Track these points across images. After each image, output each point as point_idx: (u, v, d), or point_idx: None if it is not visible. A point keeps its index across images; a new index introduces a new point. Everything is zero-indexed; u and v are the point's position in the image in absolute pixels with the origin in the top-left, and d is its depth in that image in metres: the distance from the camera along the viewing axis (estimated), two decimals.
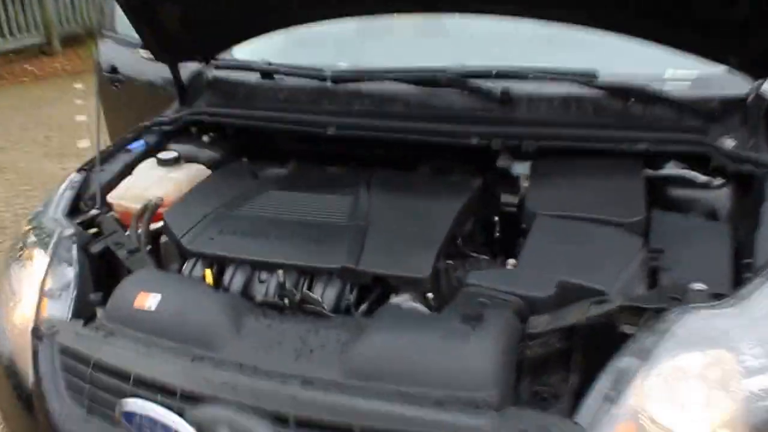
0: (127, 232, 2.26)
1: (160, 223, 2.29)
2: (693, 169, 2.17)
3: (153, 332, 1.76)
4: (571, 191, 2.09)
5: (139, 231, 2.24)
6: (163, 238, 2.26)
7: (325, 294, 1.90)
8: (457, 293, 1.78)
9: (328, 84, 2.68)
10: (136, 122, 2.85)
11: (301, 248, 1.99)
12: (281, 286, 1.85)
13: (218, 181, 2.44)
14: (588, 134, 2.25)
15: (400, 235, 2.00)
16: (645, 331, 1.55)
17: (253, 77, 2.85)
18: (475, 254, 2.11)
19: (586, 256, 1.84)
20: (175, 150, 2.62)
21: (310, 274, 1.95)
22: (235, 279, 1.99)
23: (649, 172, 2.18)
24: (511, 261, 1.95)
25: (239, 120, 2.65)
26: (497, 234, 2.27)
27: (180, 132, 2.75)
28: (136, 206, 2.37)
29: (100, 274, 2.14)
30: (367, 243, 1.97)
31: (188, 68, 2.90)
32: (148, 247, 2.18)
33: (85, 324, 1.88)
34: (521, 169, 2.36)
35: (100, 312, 1.96)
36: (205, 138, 2.71)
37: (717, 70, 2.36)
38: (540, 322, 1.67)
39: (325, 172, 2.48)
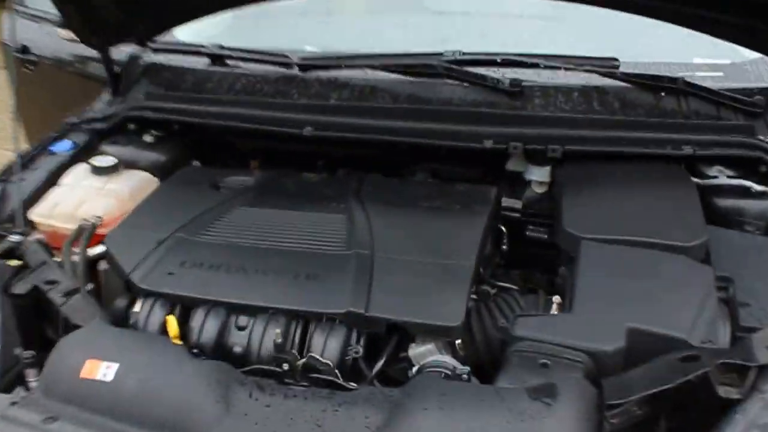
0: (56, 258, 1.79)
1: (99, 248, 1.84)
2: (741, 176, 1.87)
3: (110, 414, 1.32)
4: (616, 207, 1.75)
5: (75, 260, 1.77)
6: (103, 264, 1.81)
7: (326, 347, 1.51)
8: (508, 352, 1.41)
9: (296, 71, 2.26)
10: (56, 116, 2.34)
11: (291, 286, 1.59)
12: (278, 347, 1.44)
13: (171, 194, 1.99)
14: (624, 136, 1.91)
15: (414, 268, 1.62)
16: (756, 401, 1.23)
17: (201, 63, 2.39)
18: (501, 284, 1.74)
19: (652, 292, 1.50)
20: (111, 153, 2.14)
21: (304, 321, 1.55)
22: (207, 327, 1.56)
23: (697, 180, 1.86)
24: (556, 299, 1.60)
25: (191, 116, 2.18)
26: (504, 246, 1.92)
27: (115, 130, 2.26)
28: (68, 227, 1.89)
29: (29, 321, 1.67)
30: (376, 279, 1.58)
31: (121, 51, 2.40)
32: (89, 286, 1.72)
33: (13, 401, 1.41)
34: (539, 175, 2.01)
35: (32, 377, 1.50)
36: (148, 138, 2.23)
37: (750, 56, 2.07)
38: (619, 388, 1.32)
39: (301, 179, 2.06)
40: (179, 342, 1.55)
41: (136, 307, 1.65)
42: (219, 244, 1.73)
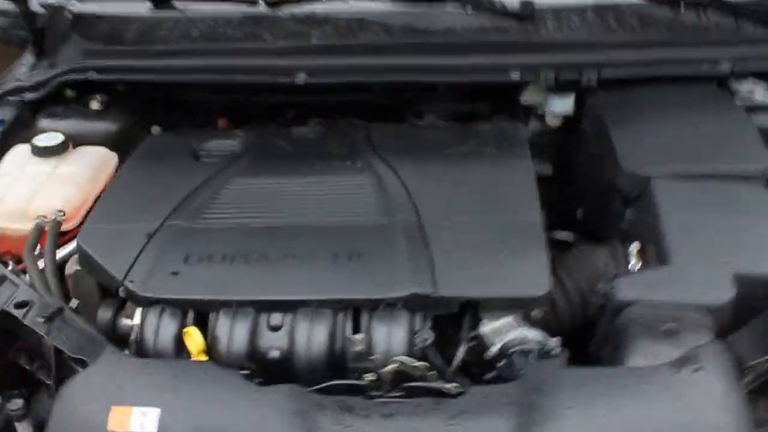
0: (10, 267, 1.44)
1: (68, 250, 1.49)
2: None
3: None
4: (672, 138, 1.56)
5: (43, 267, 1.42)
6: (73, 266, 1.47)
7: (391, 340, 1.25)
8: (622, 321, 1.19)
9: (262, 8, 1.91)
10: None
11: (332, 271, 1.31)
12: (360, 356, 1.17)
13: (144, 171, 1.64)
14: (659, 57, 1.71)
15: (473, 230, 1.37)
16: None
17: (142, 8, 1.99)
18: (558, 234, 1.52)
19: (746, 231, 1.32)
20: (52, 129, 1.76)
21: (353, 311, 1.28)
22: (236, 333, 1.27)
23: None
24: (635, 246, 1.39)
25: (146, 74, 1.81)
26: None
27: (50, 99, 1.86)
28: (21, 228, 1.53)
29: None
30: (434, 250, 1.32)
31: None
32: (74, 303, 1.38)
33: None
34: (563, 106, 1.78)
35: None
36: (95, 104, 1.85)
37: None
38: (748, 346, 1.14)
39: (294, 135, 1.75)
40: (204, 358, 1.26)
41: (135, 319, 1.33)
42: (225, 229, 1.42)
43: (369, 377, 1.14)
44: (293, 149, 1.67)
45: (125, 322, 1.39)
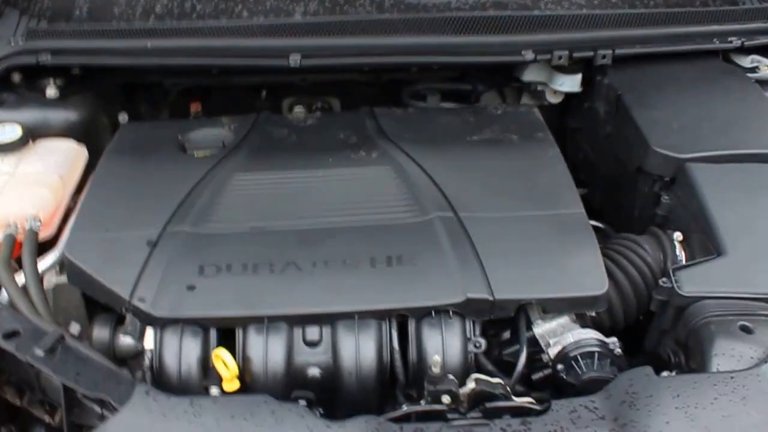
0: None
1: (48, 261, 1.30)
2: None
3: None
4: (697, 117, 1.50)
5: (29, 287, 1.22)
6: (52, 280, 1.29)
7: (446, 350, 1.14)
8: (691, 320, 1.13)
9: None
10: None
11: (374, 277, 1.18)
12: (434, 379, 1.04)
13: (127, 167, 1.44)
14: (671, 32, 1.65)
15: (518, 227, 1.27)
16: None
17: None
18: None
19: None
20: (5, 120, 1.53)
21: (398, 320, 1.16)
22: (272, 352, 1.13)
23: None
24: (678, 235, 1.33)
25: (113, 58, 1.59)
26: None
27: None
28: None
29: None
30: (480, 250, 1.21)
31: None
32: (75, 327, 1.19)
33: None
34: (571, 84, 1.71)
35: None
36: (51, 91, 1.61)
37: None
38: None
39: (291, 121, 1.58)
40: (237, 383, 1.11)
41: (146, 342, 1.16)
42: (240, 234, 1.26)
43: (446, 399, 1.02)
44: (296, 138, 1.51)
45: (127, 341, 1.23)
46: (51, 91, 1.61)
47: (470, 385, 1.05)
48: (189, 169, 1.40)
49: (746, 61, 1.71)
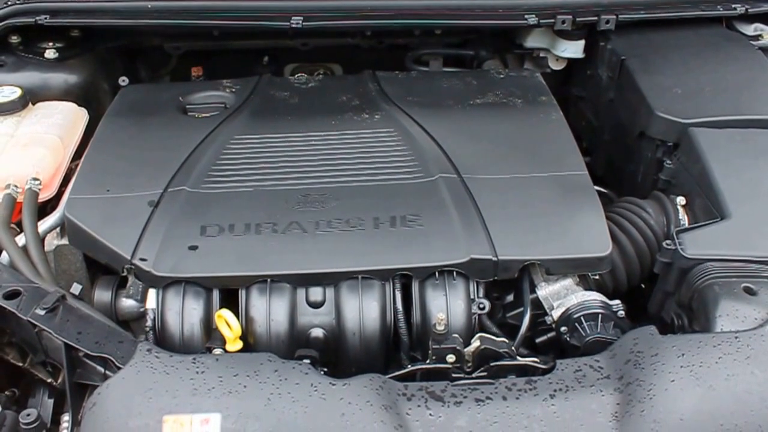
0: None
1: (50, 221, 1.29)
2: None
3: None
4: (700, 82, 1.49)
5: (29, 247, 1.21)
6: (53, 242, 1.29)
7: (450, 310, 1.14)
8: (696, 281, 1.13)
9: None
10: None
11: (378, 237, 1.17)
12: (439, 337, 1.03)
13: (128, 129, 1.42)
14: None
15: (521, 187, 1.26)
16: None
17: None
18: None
19: None
20: (5, 82, 1.51)
21: (402, 280, 1.15)
22: (275, 311, 1.12)
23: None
24: (681, 199, 1.32)
25: (113, 18, 1.57)
26: None
27: None
28: None
29: None
30: (484, 210, 1.20)
31: None
32: (77, 287, 1.18)
33: None
34: (574, 50, 1.70)
35: None
36: (50, 53, 1.60)
37: None
38: None
39: (293, 86, 1.57)
40: (240, 343, 1.11)
41: (149, 303, 1.16)
42: (241, 193, 1.25)
43: (450, 359, 1.02)
44: (298, 100, 1.49)
45: (129, 303, 1.23)
46: (50, 54, 1.59)
47: (475, 344, 1.04)
48: (190, 130, 1.39)
49: (749, 29, 1.70)
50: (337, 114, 1.42)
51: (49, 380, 1.16)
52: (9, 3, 1.59)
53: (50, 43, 1.60)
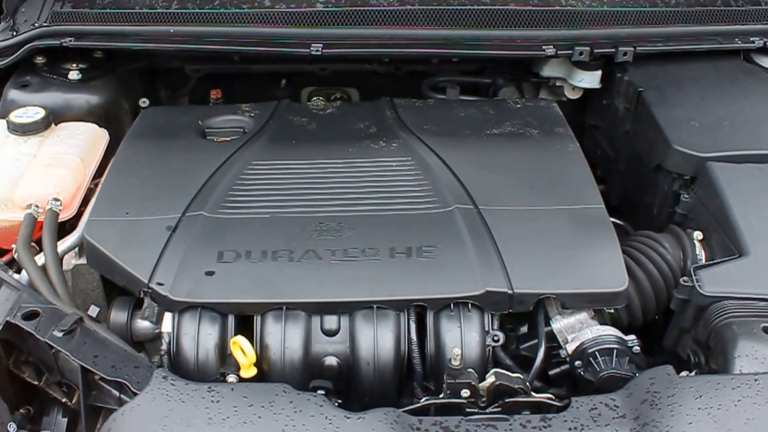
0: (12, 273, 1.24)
1: (69, 242, 1.30)
2: None
3: None
4: (718, 115, 1.49)
5: (48, 267, 1.23)
6: (71, 262, 1.30)
7: (465, 342, 1.13)
8: (713, 320, 1.12)
9: None
10: None
11: (393, 267, 1.18)
12: (453, 372, 1.03)
13: (148, 152, 1.44)
14: (693, 31, 1.64)
15: (538, 220, 1.26)
16: None
17: None
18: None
19: None
20: (26, 103, 1.53)
21: (417, 311, 1.16)
22: (290, 339, 1.13)
23: None
24: (698, 234, 1.32)
25: (135, 42, 1.60)
26: None
27: (18, 68, 1.62)
28: (7, 218, 1.32)
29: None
30: (500, 243, 1.20)
31: None
32: (94, 310, 1.19)
33: None
34: (590, 81, 1.70)
35: None
36: (73, 74, 1.62)
37: None
38: None
39: (311, 112, 1.58)
40: (254, 370, 1.11)
41: (164, 326, 1.17)
42: (259, 220, 1.26)
43: (465, 393, 1.02)
44: (315, 127, 1.50)
45: (145, 324, 1.23)
46: (73, 75, 1.62)
47: (490, 379, 1.04)
48: (209, 154, 1.40)
49: (765, 61, 1.70)
50: (354, 141, 1.43)
51: (63, 400, 1.17)
52: (36, 25, 1.62)
53: (74, 65, 1.63)
